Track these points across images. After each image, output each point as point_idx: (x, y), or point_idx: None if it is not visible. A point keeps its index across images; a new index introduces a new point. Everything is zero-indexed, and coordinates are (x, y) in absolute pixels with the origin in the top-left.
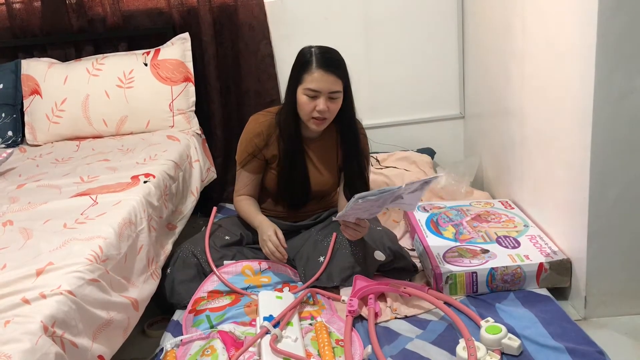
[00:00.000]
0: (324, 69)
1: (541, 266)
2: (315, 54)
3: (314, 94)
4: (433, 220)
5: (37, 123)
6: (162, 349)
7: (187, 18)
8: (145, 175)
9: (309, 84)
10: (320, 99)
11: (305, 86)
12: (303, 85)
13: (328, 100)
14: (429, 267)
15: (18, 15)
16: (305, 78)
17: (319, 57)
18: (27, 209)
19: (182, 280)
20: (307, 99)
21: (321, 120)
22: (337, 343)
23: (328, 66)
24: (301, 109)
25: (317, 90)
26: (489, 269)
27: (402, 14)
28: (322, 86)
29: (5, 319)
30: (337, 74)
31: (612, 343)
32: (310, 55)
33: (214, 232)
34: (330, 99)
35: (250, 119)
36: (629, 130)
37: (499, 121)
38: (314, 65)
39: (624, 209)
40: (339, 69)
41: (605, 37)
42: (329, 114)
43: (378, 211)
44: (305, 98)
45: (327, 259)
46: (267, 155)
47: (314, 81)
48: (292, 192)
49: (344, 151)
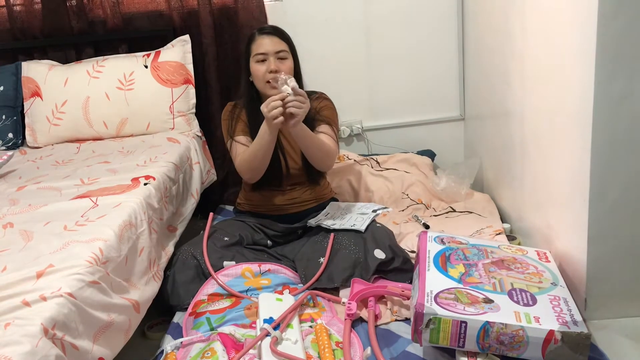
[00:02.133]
0: (266, 33)
1: (551, 334)
2: (259, 29)
3: (263, 57)
4: (445, 254)
5: (37, 125)
6: (162, 351)
7: (187, 20)
8: (145, 177)
9: (256, 50)
10: (269, 60)
11: (253, 53)
12: (252, 55)
13: (277, 60)
14: (414, 304)
15: (18, 18)
16: (252, 48)
17: (261, 28)
18: (28, 211)
19: (182, 281)
20: (258, 65)
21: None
22: (338, 345)
23: (269, 32)
24: (256, 78)
25: (264, 52)
26: (484, 322)
27: (402, 16)
28: (268, 48)
29: (6, 321)
30: (279, 37)
31: (612, 345)
32: (254, 31)
33: (213, 234)
34: (279, 60)
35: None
36: (629, 131)
37: (499, 123)
38: (257, 34)
39: (625, 211)
40: (278, 32)
41: (605, 38)
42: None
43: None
44: (257, 65)
45: (325, 259)
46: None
47: (260, 46)
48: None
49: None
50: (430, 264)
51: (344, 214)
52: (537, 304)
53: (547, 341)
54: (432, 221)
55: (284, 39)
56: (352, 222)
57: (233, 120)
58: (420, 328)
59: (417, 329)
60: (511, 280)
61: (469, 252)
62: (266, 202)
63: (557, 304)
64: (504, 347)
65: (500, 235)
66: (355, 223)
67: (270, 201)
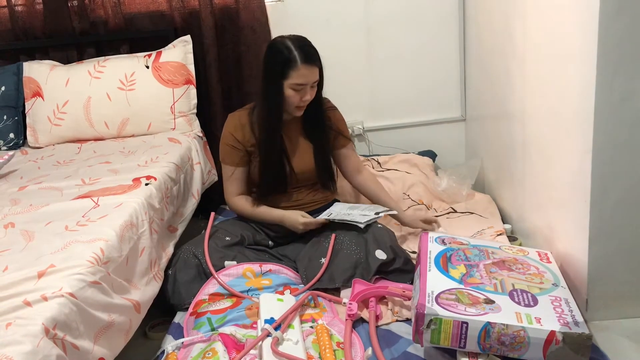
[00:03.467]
0: (309, 63)
1: (552, 335)
2: (297, 49)
3: (301, 87)
4: (446, 255)
5: (38, 125)
6: (163, 352)
7: (188, 20)
8: (146, 177)
9: (297, 79)
10: (305, 90)
11: (293, 82)
12: (290, 81)
13: (311, 89)
14: (415, 304)
15: (20, 18)
16: (291, 74)
17: (301, 52)
18: (29, 211)
19: (184, 280)
20: (294, 93)
21: (304, 107)
22: (338, 345)
23: (311, 60)
24: (289, 102)
25: (304, 84)
26: (485, 322)
27: (404, 17)
28: (308, 79)
29: (7, 321)
30: (317, 65)
31: (613, 346)
32: (290, 52)
33: (214, 233)
34: (312, 88)
35: (228, 116)
36: (630, 132)
37: (500, 124)
38: (299, 61)
39: (626, 212)
40: (318, 59)
41: (607, 39)
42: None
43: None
44: (292, 92)
45: (327, 260)
46: (247, 146)
47: (302, 76)
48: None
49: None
50: (432, 264)
51: (347, 214)
52: (538, 304)
53: (548, 342)
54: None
55: (320, 66)
56: (352, 218)
57: (234, 143)
58: (421, 328)
59: (418, 329)
60: (512, 281)
61: (470, 253)
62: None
63: (558, 304)
64: (505, 347)
65: (502, 236)
66: (355, 219)
67: (273, 205)
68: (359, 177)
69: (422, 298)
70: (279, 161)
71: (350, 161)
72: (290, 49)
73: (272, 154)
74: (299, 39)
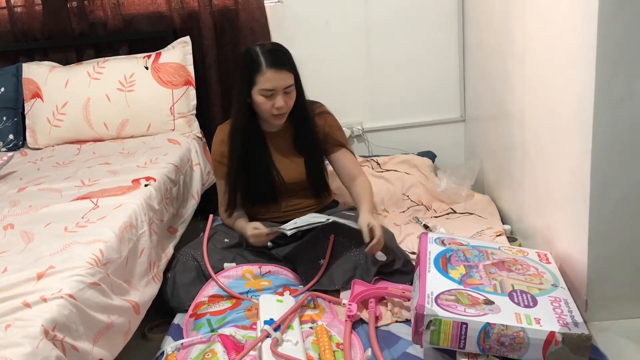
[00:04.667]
0: (275, 67)
1: (551, 336)
2: (263, 53)
3: (270, 93)
4: (445, 256)
5: (38, 126)
6: (162, 353)
7: (188, 21)
8: (146, 178)
9: (263, 84)
10: (277, 97)
11: (260, 87)
12: (257, 87)
13: (284, 95)
14: (414, 305)
15: (19, 19)
16: (258, 79)
17: (268, 56)
18: (28, 213)
19: (183, 283)
20: (264, 99)
21: (282, 115)
22: (338, 347)
23: (278, 64)
24: (260, 109)
25: (272, 89)
26: (484, 323)
27: (403, 18)
28: (276, 84)
29: (6, 323)
30: (287, 69)
31: (613, 346)
32: (258, 56)
33: (213, 235)
34: (285, 94)
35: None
36: (630, 133)
37: (500, 124)
38: (264, 65)
39: (625, 212)
40: (288, 63)
41: (606, 40)
42: (286, 108)
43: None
44: (262, 98)
45: (325, 261)
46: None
47: (267, 81)
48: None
49: (300, 138)
50: (431, 265)
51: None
52: (537, 305)
53: (547, 342)
54: (432, 223)
55: (291, 70)
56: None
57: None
58: (420, 329)
59: (418, 330)
60: (512, 281)
61: (470, 254)
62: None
63: (557, 305)
64: (504, 348)
65: (501, 237)
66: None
67: (267, 211)
68: (353, 184)
69: (421, 299)
70: (265, 172)
71: (344, 167)
72: (257, 54)
73: (254, 165)
74: (267, 45)
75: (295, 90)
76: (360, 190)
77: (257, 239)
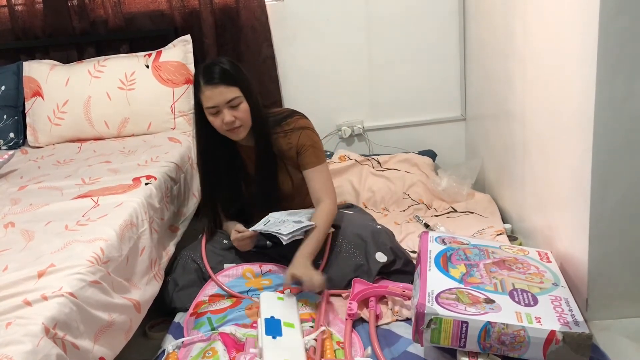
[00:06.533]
0: (210, 83)
1: (552, 335)
2: (201, 71)
3: (215, 110)
4: (446, 254)
5: (38, 125)
6: (163, 351)
7: (188, 20)
8: (146, 177)
9: (206, 102)
10: (223, 112)
11: (205, 106)
12: (204, 106)
13: (230, 110)
14: (415, 304)
15: (20, 17)
16: (201, 98)
17: (203, 74)
18: (29, 211)
19: (183, 286)
20: (212, 117)
21: (235, 129)
22: (339, 345)
23: (212, 80)
24: (216, 127)
25: (214, 106)
26: (485, 322)
27: (404, 16)
28: (216, 101)
29: (7, 321)
30: (224, 83)
31: (614, 346)
32: (197, 75)
33: (212, 236)
34: (231, 108)
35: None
36: (631, 132)
37: (501, 123)
38: (202, 84)
39: (626, 212)
40: (225, 77)
41: (607, 39)
42: (239, 121)
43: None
44: (211, 117)
45: (323, 263)
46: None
47: (207, 99)
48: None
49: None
50: (432, 264)
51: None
52: (538, 304)
53: (548, 341)
54: (433, 221)
55: (232, 83)
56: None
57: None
58: (421, 328)
59: (418, 329)
60: (512, 280)
61: (470, 253)
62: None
63: (558, 304)
64: (505, 347)
65: (502, 236)
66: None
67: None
68: (316, 207)
69: (422, 297)
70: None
71: (311, 187)
72: (197, 73)
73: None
74: (210, 61)
75: (245, 102)
76: (316, 219)
77: (241, 243)
